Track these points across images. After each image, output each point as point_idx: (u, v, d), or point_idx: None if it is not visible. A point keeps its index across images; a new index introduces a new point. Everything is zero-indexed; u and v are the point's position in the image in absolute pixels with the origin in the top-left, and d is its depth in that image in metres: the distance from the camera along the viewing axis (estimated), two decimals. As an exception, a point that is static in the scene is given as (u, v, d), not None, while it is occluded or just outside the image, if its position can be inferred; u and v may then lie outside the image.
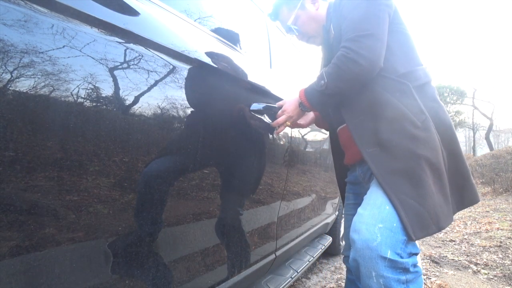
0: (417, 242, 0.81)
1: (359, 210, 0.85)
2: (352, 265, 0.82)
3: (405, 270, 0.75)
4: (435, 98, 0.94)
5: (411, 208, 0.78)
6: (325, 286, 2.04)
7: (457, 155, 0.91)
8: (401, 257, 0.75)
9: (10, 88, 0.44)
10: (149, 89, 0.66)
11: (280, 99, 1.28)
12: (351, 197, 1.14)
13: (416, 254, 0.81)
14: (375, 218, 0.78)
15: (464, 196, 0.92)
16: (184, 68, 0.77)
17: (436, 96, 0.95)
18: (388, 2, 0.91)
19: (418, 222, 0.77)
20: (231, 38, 1.16)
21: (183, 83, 0.77)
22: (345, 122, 0.96)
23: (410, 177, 0.80)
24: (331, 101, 0.96)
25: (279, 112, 1.08)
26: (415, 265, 0.78)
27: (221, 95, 0.93)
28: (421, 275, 0.81)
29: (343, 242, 2.63)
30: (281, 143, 1.31)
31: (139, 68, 0.65)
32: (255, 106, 1.07)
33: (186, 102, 0.77)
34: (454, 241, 3.23)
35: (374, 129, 0.87)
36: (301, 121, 1.20)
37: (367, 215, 0.80)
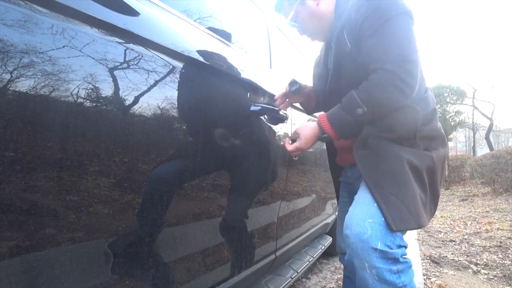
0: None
1: (350, 208, 0.89)
2: (347, 259, 0.86)
3: (395, 260, 0.80)
4: (437, 127, 0.97)
5: (393, 204, 0.83)
6: (325, 286, 2.04)
7: (439, 172, 0.96)
8: (391, 248, 0.80)
9: (10, 88, 0.44)
10: (149, 89, 0.66)
11: (280, 99, 1.28)
12: (346, 195, 1.18)
13: (405, 247, 0.86)
14: (364, 214, 0.83)
15: (433, 209, 0.98)
16: (183, 68, 0.77)
17: (438, 124, 0.98)
18: (415, 27, 0.89)
19: (398, 216, 0.82)
20: (231, 38, 1.16)
21: (183, 83, 0.77)
22: None
23: (393, 177, 0.85)
24: (361, 128, 0.91)
25: (293, 135, 1.00)
26: (404, 256, 0.84)
27: (221, 95, 0.93)
28: (411, 267, 0.85)
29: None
30: (281, 143, 1.31)
31: (139, 68, 0.65)
32: (254, 106, 1.07)
33: (186, 102, 0.77)
34: (454, 241, 3.23)
35: (371, 135, 0.90)
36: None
37: (357, 212, 0.85)
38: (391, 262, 0.79)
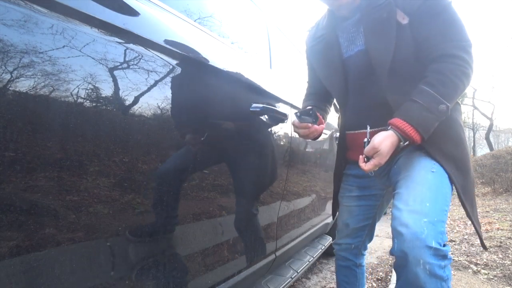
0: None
1: (400, 205, 0.89)
2: (398, 254, 0.88)
3: (444, 257, 0.85)
4: None
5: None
6: (325, 286, 2.04)
7: None
8: (441, 246, 0.85)
9: (10, 88, 0.44)
10: (149, 89, 0.66)
11: (280, 100, 1.28)
12: (355, 190, 1.14)
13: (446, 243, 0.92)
14: (419, 213, 0.86)
15: None
16: (183, 68, 0.77)
17: None
18: None
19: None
20: (231, 38, 1.16)
21: (183, 83, 0.77)
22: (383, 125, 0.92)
23: (471, 196, 0.98)
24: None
25: (370, 151, 0.88)
26: (449, 253, 0.89)
27: (221, 96, 0.93)
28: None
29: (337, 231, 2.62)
30: (281, 143, 1.31)
31: (139, 68, 0.65)
32: (254, 107, 1.07)
33: (186, 102, 0.77)
34: (454, 241, 3.23)
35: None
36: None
37: (410, 210, 0.87)
38: (440, 259, 0.84)
